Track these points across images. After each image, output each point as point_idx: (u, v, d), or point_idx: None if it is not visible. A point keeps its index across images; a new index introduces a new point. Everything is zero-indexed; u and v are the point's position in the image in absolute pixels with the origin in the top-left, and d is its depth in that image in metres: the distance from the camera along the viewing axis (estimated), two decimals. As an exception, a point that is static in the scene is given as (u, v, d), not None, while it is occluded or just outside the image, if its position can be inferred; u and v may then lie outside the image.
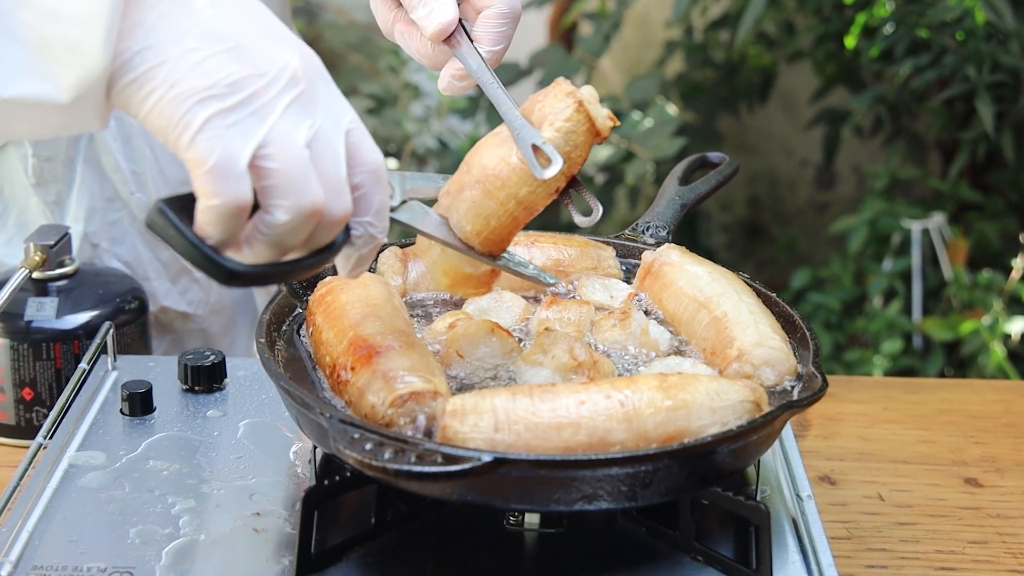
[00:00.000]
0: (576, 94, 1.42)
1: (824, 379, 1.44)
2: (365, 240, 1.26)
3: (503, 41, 1.52)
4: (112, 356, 1.81)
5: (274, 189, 1.15)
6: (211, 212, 1.14)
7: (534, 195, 1.42)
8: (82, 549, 1.41)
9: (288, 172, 1.15)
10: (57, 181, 2.06)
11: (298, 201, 1.16)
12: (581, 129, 1.42)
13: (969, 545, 1.65)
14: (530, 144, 1.41)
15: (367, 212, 1.25)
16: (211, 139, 1.11)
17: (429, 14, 1.50)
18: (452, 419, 1.31)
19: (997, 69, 3.82)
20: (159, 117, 1.12)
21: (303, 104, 1.17)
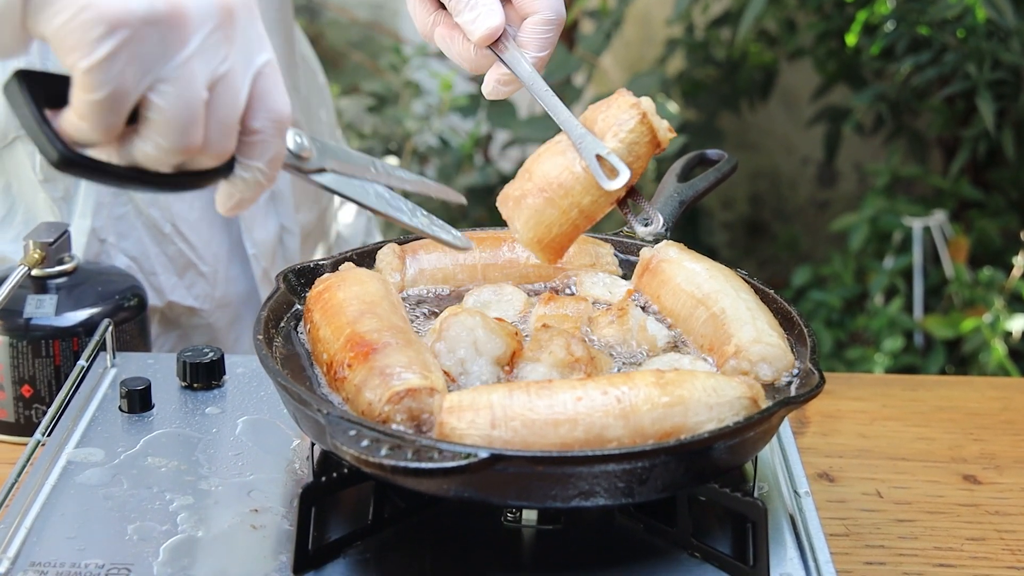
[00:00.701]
0: (640, 106, 1.44)
1: (821, 376, 1.44)
2: (250, 185, 1.23)
3: (548, 47, 1.52)
4: (111, 353, 1.81)
5: (155, 125, 1.13)
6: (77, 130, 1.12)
7: (596, 204, 1.46)
8: (80, 546, 1.41)
9: (175, 117, 1.13)
10: (65, 177, 2.06)
11: (174, 143, 1.14)
12: (644, 140, 1.45)
13: (967, 542, 1.65)
14: (595, 154, 1.43)
15: (260, 158, 1.22)
16: (110, 72, 1.08)
17: (476, 18, 1.49)
18: (449, 415, 1.32)
19: (998, 67, 3.81)
20: (65, 38, 1.08)
21: (222, 38, 1.14)
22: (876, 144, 5.03)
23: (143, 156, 1.15)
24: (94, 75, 1.08)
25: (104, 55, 1.07)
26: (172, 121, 1.13)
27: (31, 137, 1.13)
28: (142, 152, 1.15)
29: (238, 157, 1.22)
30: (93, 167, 1.15)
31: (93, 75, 1.08)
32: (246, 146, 1.21)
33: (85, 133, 1.12)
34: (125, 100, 1.11)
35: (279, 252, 2.32)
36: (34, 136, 1.12)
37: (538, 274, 1.73)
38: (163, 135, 1.14)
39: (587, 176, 1.44)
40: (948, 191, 4.40)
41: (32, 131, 1.12)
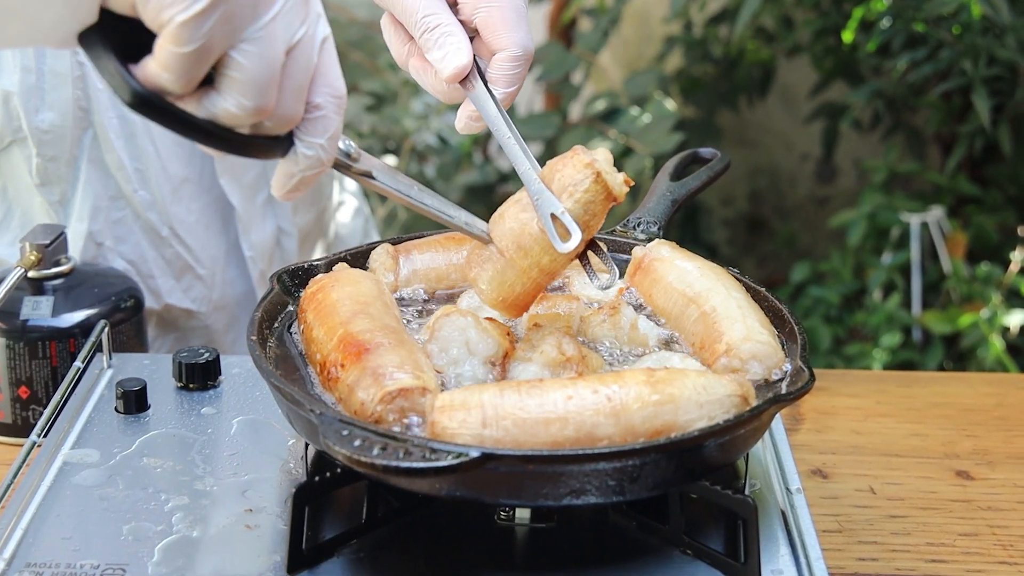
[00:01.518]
0: (594, 165, 1.47)
1: (811, 373, 1.45)
2: (311, 163, 1.27)
3: (516, 83, 1.54)
4: (107, 354, 1.82)
5: (235, 83, 1.17)
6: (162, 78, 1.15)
7: (555, 262, 1.49)
8: (76, 546, 1.42)
9: (255, 77, 1.17)
10: (61, 181, 2.07)
11: (253, 100, 1.18)
12: (599, 199, 1.47)
13: (960, 537, 1.66)
14: (549, 214, 1.45)
15: (322, 134, 1.26)
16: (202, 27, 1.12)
17: (444, 57, 1.52)
18: (441, 415, 1.32)
19: (994, 63, 3.81)
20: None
21: (299, 5, 1.18)
22: (874, 140, 5.03)
23: (223, 113, 1.19)
24: (188, 28, 1.11)
25: (201, 9, 1.11)
26: (253, 80, 1.17)
27: (106, 79, 1.16)
28: (222, 109, 1.18)
29: (299, 135, 1.26)
30: (168, 111, 1.18)
31: (187, 28, 1.11)
32: (308, 123, 1.25)
33: (165, 82, 1.15)
34: (210, 55, 1.14)
35: (276, 254, 2.32)
36: (110, 76, 1.15)
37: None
38: (244, 93, 1.17)
39: (544, 236, 1.46)
40: (945, 187, 4.40)
41: (109, 72, 1.15)
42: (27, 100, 2.00)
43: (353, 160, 1.36)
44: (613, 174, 1.47)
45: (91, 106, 2.05)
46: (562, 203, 1.46)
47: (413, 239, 1.77)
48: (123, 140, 2.08)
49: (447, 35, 1.51)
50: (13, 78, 2.00)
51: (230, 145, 1.23)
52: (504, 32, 1.52)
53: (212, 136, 1.21)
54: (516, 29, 1.53)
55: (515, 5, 1.53)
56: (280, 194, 1.30)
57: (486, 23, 1.53)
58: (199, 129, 1.20)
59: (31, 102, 2.01)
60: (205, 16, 1.11)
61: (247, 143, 1.23)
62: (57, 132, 2.03)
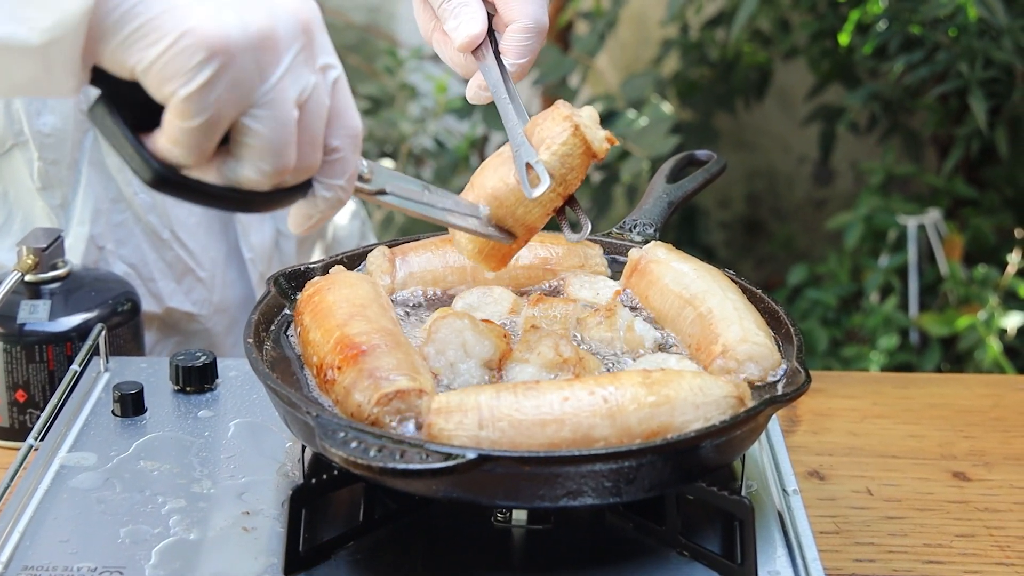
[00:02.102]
0: (573, 118, 1.46)
1: (807, 374, 1.45)
2: (332, 204, 1.25)
3: (527, 54, 1.56)
4: (104, 358, 1.82)
5: (252, 150, 1.14)
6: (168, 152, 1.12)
7: (530, 214, 1.48)
8: (73, 549, 1.42)
9: (272, 139, 1.14)
10: (63, 184, 2.07)
11: (273, 164, 1.15)
12: (577, 152, 1.46)
13: (957, 538, 1.66)
14: (524, 163, 1.45)
15: (341, 176, 1.24)
16: (208, 99, 1.09)
17: (458, 26, 1.55)
18: (437, 416, 1.33)
19: (990, 65, 3.82)
20: (163, 68, 1.08)
21: (306, 57, 1.15)
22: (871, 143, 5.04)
23: (244, 180, 1.16)
24: (193, 102, 1.09)
25: (203, 82, 1.08)
26: (270, 145, 1.14)
27: (124, 158, 1.13)
28: (243, 176, 1.16)
29: (317, 177, 1.23)
30: (190, 187, 1.16)
31: (192, 102, 1.09)
32: (326, 165, 1.22)
33: (177, 157, 1.13)
34: (220, 125, 1.12)
35: (275, 256, 2.33)
36: (128, 156, 1.13)
37: (527, 276, 1.74)
38: (263, 159, 1.15)
39: (518, 186, 1.46)
40: (942, 189, 4.40)
41: (125, 151, 1.13)
42: (29, 104, 2.00)
43: (366, 180, 1.33)
44: (594, 129, 1.47)
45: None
46: (539, 155, 1.46)
47: (409, 241, 1.77)
48: None
49: (463, 5, 1.55)
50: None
51: (254, 206, 1.21)
52: (517, 4, 1.54)
53: (236, 201, 1.19)
54: (530, 2, 1.55)
55: None
56: (299, 231, 1.29)
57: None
58: (222, 198, 1.18)
59: (33, 106, 2.01)
60: (209, 88, 1.08)
61: (269, 200, 1.21)
62: (58, 136, 2.03)
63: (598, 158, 1.48)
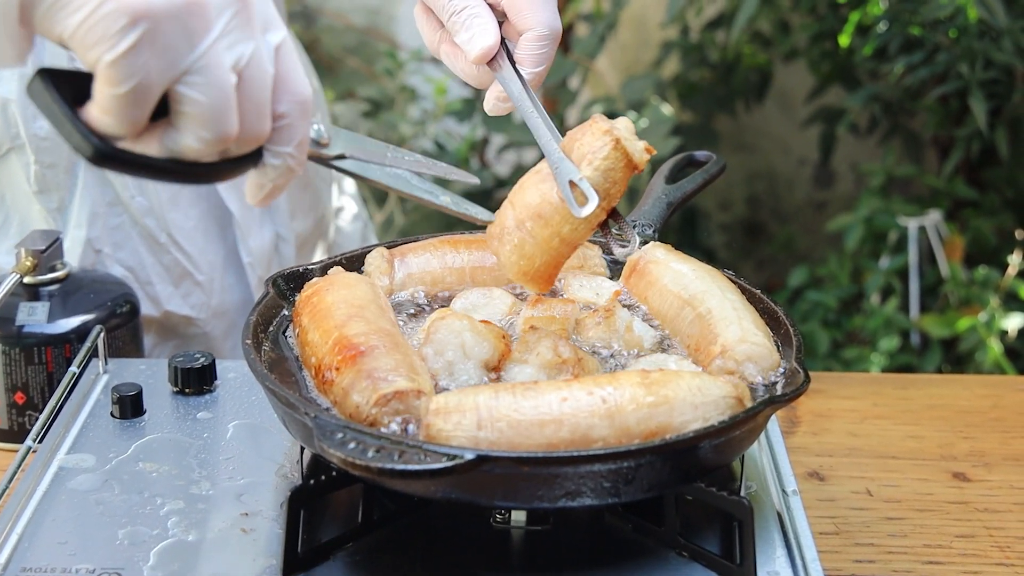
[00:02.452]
0: (613, 132, 1.46)
1: (806, 374, 1.45)
2: (281, 172, 1.24)
3: (544, 62, 1.55)
4: (103, 359, 1.82)
5: (190, 118, 1.13)
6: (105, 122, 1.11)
7: (576, 232, 1.47)
8: (71, 551, 1.42)
9: (209, 106, 1.13)
10: (60, 188, 2.07)
11: (213, 132, 1.14)
12: (619, 166, 1.46)
13: (956, 539, 1.66)
14: (567, 181, 1.44)
15: (288, 143, 1.22)
16: (134, 65, 1.08)
17: (471, 39, 1.53)
18: (435, 417, 1.32)
19: (990, 66, 3.82)
20: (86, 34, 1.07)
21: (242, 22, 1.14)
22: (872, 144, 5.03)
23: (185, 149, 1.15)
24: (118, 68, 1.08)
25: (127, 47, 1.07)
26: (208, 110, 1.13)
27: (63, 134, 1.12)
28: (184, 145, 1.15)
29: (266, 145, 1.22)
30: (131, 160, 1.15)
31: (117, 68, 1.08)
32: (274, 132, 1.21)
33: (110, 127, 1.12)
34: (150, 92, 1.10)
35: (275, 260, 2.32)
36: (66, 133, 1.12)
37: (526, 277, 1.74)
38: (202, 126, 1.14)
39: (563, 205, 1.45)
40: (943, 190, 4.40)
41: (64, 128, 1.12)
42: (25, 107, 2.00)
43: (323, 146, 1.32)
44: (633, 141, 1.46)
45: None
46: (581, 171, 1.45)
47: (408, 243, 1.77)
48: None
49: (474, 16, 1.53)
50: (11, 85, 2.00)
51: (200, 177, 1.19)
52: (530, 12, 1.53)
53: (180, 174, 1.18)
54: (543, 9, 1.54)
55: None
56: (255, 202, 1.27)
57: (512, 4, 1.53)
58: (166, 170, 1.17)
59: (29, 109, 2.00)
60: (134, 53, 1.07)
61: (215, 171, 1.19)
62: (55, 139, 2.03)
63: (639, 169, 1.47)
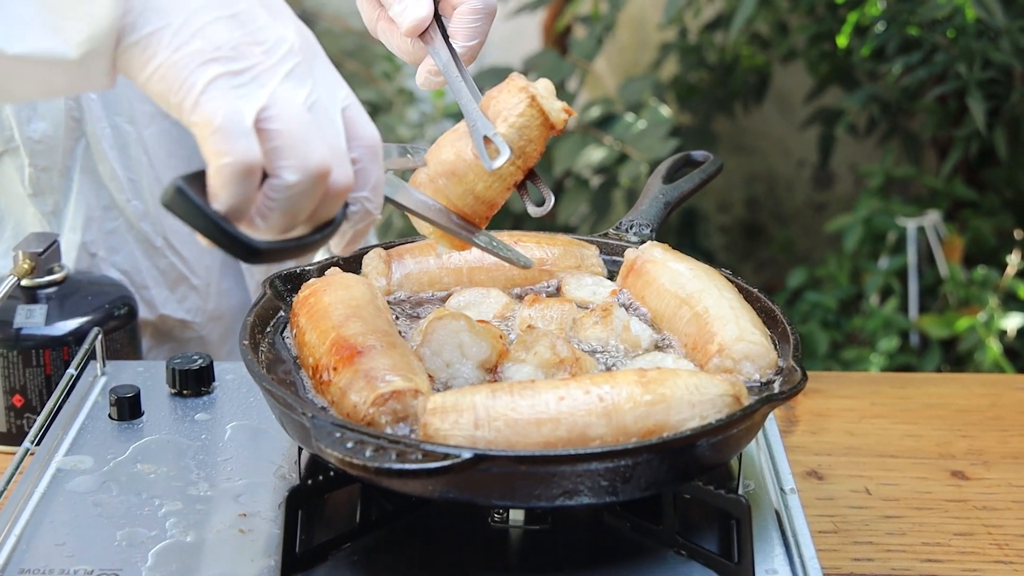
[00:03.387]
0: (528, 89, 1.45)
1: (804, 372, 1.45)
2: (362, 215, 1.27)
3: (477, 36, 1.55)
4: (101, 361, 1.82)
5: (280, 150, 1.16)
6: (222, 173, 1.14)
7: (491, 189, 1.46)
8: (69, 552, 1.42)
9: (292, 132, 1.16)
10: (54, 191, 2.07)
11: (305, 159, 1.17)
12: (535, 124, 1.45)
13: (955, 537, 1.66)
14: (482, 136, 1.44)
15: (364, 187, 1.26)
16: (216, 99, 1.13)
17: (404, 11, 1.53)
18: (432, 417, 1.32)
19: (988, 66, 3.82)
20: (162, 80, 1.13)
21: (301, 74, 1.19)
22: (870, 145, 5.04)
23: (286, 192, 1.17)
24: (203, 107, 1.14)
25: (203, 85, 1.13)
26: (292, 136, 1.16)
27: (209, 237, 1.15)
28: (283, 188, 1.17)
29: None
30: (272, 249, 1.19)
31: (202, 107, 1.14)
32: None
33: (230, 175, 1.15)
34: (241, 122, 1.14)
35: (273, 265, 2.32)
36: (220, 240, 1.15)
37: (524, 277, 1.74)
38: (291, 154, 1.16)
39: (477, 161, 1.44)
40: (942, 191, 4.40)
41: (212, 231, 1.15)
42: (19, 110, 2.00)
43: None
44: (550, 100, 1.46)
45: (83, 116, 2.04)
46: (496, 128, 1.44)
47: (405, 243, 1.77)
48: (116, 150, 2.08)
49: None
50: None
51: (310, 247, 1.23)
52: None
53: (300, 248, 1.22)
54: None
55: None
56: (339, 251, 1.32)
57: None
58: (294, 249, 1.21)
59: (23, 112, 2.00)
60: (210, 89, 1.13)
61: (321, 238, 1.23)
62: (49, 142, 2.03)
63: (556, 130, 1.47)
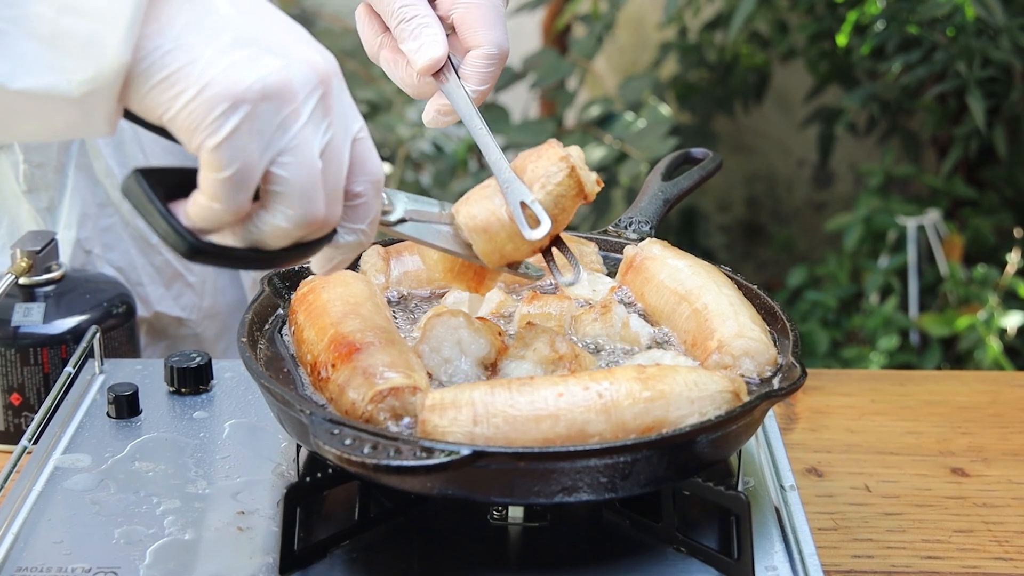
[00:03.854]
0: (569, 159, 1.45)
1: (803, 369, 1.45)
2: (353, 247, 1.27)
3: (489, 81, 1.54)
4: (99, 360, 1.82)
5: (282, 197, 1.16)
6: (209, 212, 1.14)
7: (518, 251, 1.46)
8: (67, 550, 1.41)
9: (300, 185, 1.16)
10: (49, 188, 2.06)
11: (302, 212, 1.17)
12: (570, 194, 1.45)
13: (955, 534, 1.66)
14: (519, 201, 1.43)
15: (363, 220, 1.26)
16: (236, 147, 1.11)
17: (419, 48, 1.51)
18: (431, 413, 1.32)
19: (988, 65, 3.82)
20: (188, 118, 1.11)
21: (324, 109, 1.17)
22: (870, 144, 5.03)
23: (272, 230, 1.17)
24: (222, 152, 1.11)
25: (229, 131, 1.10)
26: (298, 189, 1.16)
27: (156, 230, 1.15)
28: (271, 226, 1.17)
29: (341, 222, 1.25)
30: (220, 253, 1.18)
31: (221, 152, 1.11)
32: (349, 210, 1.24)
33: (217, 214, 1.14)
34: (252, 174, 1.13)
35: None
36: (161, 230, 1.15)
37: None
38: (291, 205, 1.16)
39: (511, 223, 1.43)
40: (942, 190, 4.40)
41: (159, 225, 1.15)
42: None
43: (386, 212, 1.35)
44: (586, 171, 1.46)
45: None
46: (533, 193, 1.44)
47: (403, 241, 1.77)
48: (111, 147, 2.08)
49: (424, 26, 1.51)
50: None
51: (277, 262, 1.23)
52: (481, 29, 1.52)
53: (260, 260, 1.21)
54: (493, 27, 1.53)
55: (493, 3, 1.53)
56: (320, 272, 1.32)
57: (463, 19, 1.53)
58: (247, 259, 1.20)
59: None
60: (235, 135, 1.11)
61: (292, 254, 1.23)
62: None
63: (588, 200, 1.47)
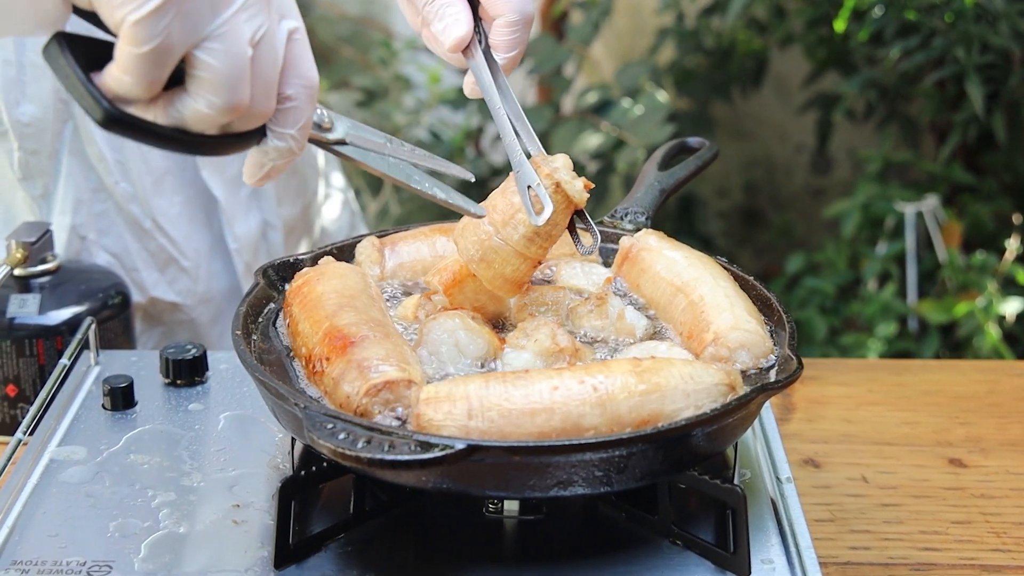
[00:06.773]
0: (554, 176, 1.47)
1: (799, 361, 1.44)
2: (281, 153, 1.27)
3: (517, 46, 1.55)
4: (94, 351, 1.81)
5: (205, 83, 1.16)
6: (119, 84, 1.13)
7: (518, 272, 1.51)
8: (62, 543, 1.41)
9: (225, 72, 1.15)
10: (43, 174, 2.06)
11: (226, 99, 1.17)
12: (559, 208, 1.49)
13: (953, 525, 1.65)
14: (526, 186, 1.47)
15: (293, 125, 1.25)
16: (158, 26, 1.10)
17: (444, 28, 1.54)
18: (426, 407, 1.32)
19: (987, 50, 3.80)
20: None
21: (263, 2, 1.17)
22: (869, 130, 5.02)
23: (193, 115, 1.17)
24: (143, 27, 1.10)
25: (154, 7, 1.10)
26: (223, 78, 1.16)
27: (75, 97, 1.14)
28: (193, 110, 1.17)
29: (270, 125, 1.25)
30: (138, 126, 1.17)
31: (142, 27, 1.10)
32: (279, 113, 1.24)
33: (127, 87, 1.14)
34: (170, 55, 1.13)
35: (262, 247, 2.31)
36: (79, 95, 1.14)
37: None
38: (214, 92, 1.16)
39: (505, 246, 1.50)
40: (940, 176, 4.39)
41: (77, 90, 1.14)
42: (8, 93, 1.99)
43: (326, 130, 1.34)
44: (572, 181, 1.49)
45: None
46: None
47: (399, 231, 1.76)
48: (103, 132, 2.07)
49: (446, 6, 1.54)
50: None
51: (202, 148, 1.22)
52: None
53: (183, 143, 1.20)
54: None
55: None
56: (251, 181, 1.30)
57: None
58: (170, 139, 1.19)
59: (12, 95, 1.99)
60: (159, 14, 1.10)
61: (218, 144, 1.22)
62: (38, 125, 2.02)
63: (579, 207, 1.51)
